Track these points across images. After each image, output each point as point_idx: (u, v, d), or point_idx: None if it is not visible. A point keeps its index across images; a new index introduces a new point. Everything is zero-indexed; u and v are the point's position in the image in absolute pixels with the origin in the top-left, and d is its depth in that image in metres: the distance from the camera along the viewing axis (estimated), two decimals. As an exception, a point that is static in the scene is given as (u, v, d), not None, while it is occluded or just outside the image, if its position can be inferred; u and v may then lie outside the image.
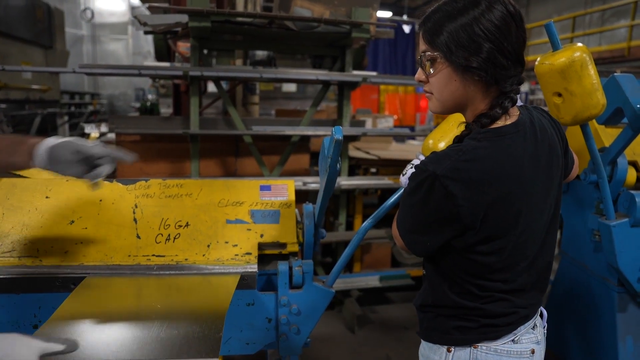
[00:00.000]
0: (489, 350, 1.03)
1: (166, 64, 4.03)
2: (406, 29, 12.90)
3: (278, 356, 1.94)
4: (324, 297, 1.59)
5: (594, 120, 2.15)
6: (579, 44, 1.62)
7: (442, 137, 1.36)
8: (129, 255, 1.56)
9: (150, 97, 11.26)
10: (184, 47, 4.09)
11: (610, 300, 2.10)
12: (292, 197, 1.70)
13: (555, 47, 1.65)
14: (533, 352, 1.06)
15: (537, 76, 1.70)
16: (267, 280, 1.63)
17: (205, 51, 3.73)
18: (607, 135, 2.17)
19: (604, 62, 9.91)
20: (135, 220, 1.60)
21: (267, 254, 1.68)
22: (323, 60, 4.76)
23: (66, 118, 8.45)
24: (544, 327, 1.14)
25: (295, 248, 1.67)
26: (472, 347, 1.03)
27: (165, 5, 3.83)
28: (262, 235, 1.64)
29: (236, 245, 1.61)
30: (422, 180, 0.93)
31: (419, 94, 13.74)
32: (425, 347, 1.13)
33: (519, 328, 1.05)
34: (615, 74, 1.95)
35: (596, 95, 1.63)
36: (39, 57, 7.07)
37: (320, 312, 1.59)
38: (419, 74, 1.03)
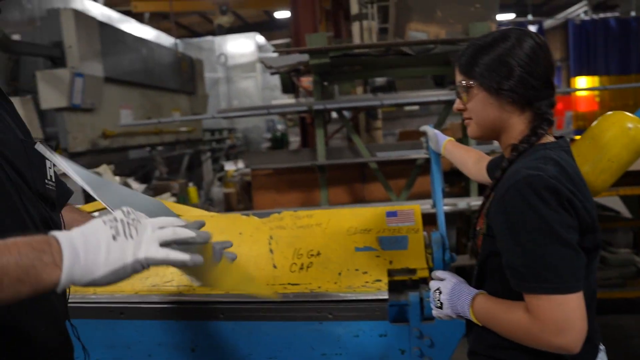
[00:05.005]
0: None
1: (291, 101, 4.31)
2: (532, 29, 12.06)
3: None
4: (457, 328, 1.52)
5: None
6: None
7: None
8: (267, 284, 1.67)
9: (279, 127, 12.05)
10: (306, 81, 4.33)
11: None
12: (419, 222, 1.68)
13: None
14: None
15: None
16: (399, 310, 1.62)
17: (325, 83, 3.90)
18: None
19: None
20: (271, 250, 1.71)
21: (397, 280, 1.68)
22: (444, 76, 4.64)
23: (209, 154, 9.41)
24: None
25: (426, 273, 1.64)
26: None
27: (288, 42, 4.11)
28: (391, 262, 1.64)
29: (366, 272, 1.63)
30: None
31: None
32: None
33: None
34: None
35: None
36: (185, 102, 8.08)
37: (455, 343, 1.54)
38: (457, 104, 1.15)
